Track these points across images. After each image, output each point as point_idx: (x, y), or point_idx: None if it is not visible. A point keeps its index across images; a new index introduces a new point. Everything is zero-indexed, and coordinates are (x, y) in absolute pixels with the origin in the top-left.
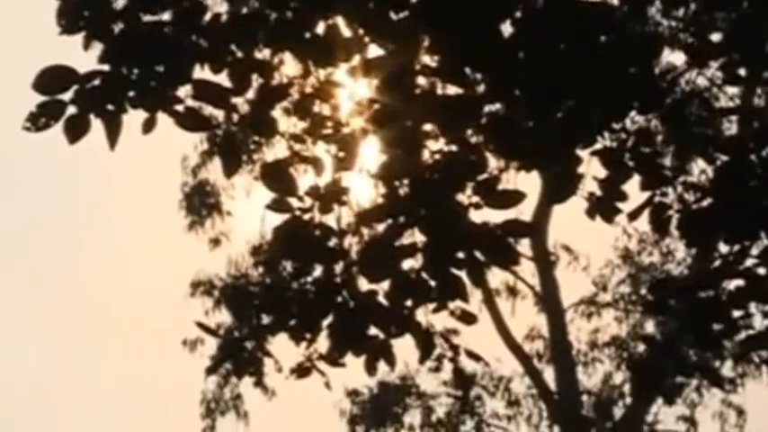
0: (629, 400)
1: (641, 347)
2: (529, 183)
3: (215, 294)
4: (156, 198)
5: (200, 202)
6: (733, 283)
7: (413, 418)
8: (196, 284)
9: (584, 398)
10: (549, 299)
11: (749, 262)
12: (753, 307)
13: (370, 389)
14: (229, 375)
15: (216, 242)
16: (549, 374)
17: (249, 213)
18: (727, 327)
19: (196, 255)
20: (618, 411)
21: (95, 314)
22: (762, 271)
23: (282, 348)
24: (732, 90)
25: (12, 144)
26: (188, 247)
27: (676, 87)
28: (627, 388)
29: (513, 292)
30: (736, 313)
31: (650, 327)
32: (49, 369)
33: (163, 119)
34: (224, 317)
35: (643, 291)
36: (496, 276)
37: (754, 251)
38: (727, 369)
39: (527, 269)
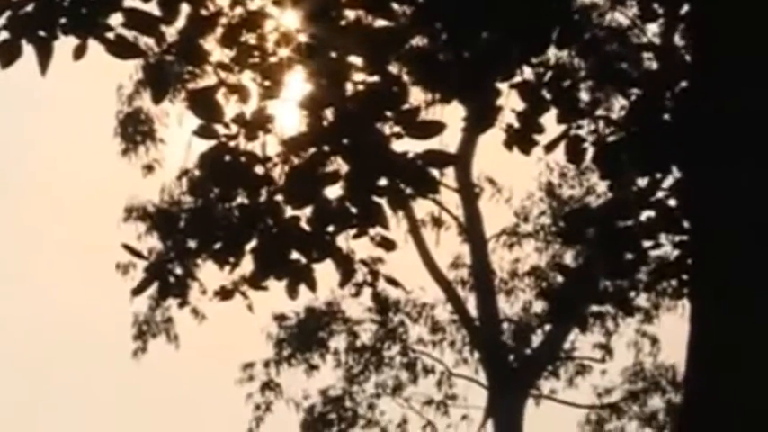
0: (547, 327)
1: (560, 278)
2: (456, 117)
3: (148, 220)
4: (92, 125)
5: (135, 130)
6: (645, 215)
7: (338, 342)
8: (130, 210)
9: (505, 325)
10: (472, 229)
11: (661, 194)
12: (663, 238)
13: (296, 314)
14: (164, 299)
15: (149, 169)
16: (471, 302)
17: (182, 141)
18: (638, 256)
19: (130, 181)
20: (536, 339)
21: (29, 237)
22: (672, 203)
23: (212, 273)
24: (654, 28)
25: None
26: (123, 174)
27: (597, 24)
28: None
29: (437, 222)
30: (647, 243)
31: (569, 257)
32: None
33: (100, 48)
34: (156, 242)
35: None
36: (422, 207)
37: (666, 184)
38: (642, 300)
39: (451, 200)
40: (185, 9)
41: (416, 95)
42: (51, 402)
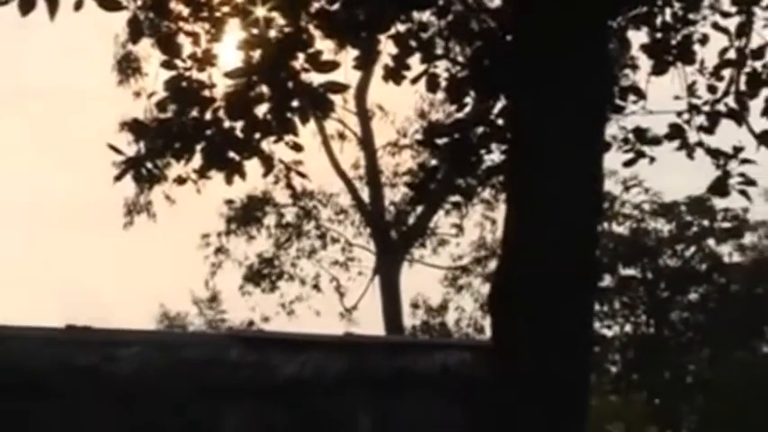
0: (419, 210)
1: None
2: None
3: None
4: (96, 62)
5: (127, 66)
6: (481, 129)
7: (270, 220)
8: (122, 124)
9: (391, 208)
10: (366, 141)
11: (492, 116)
12: (494, 147)
13: (240, 199)
14: (142, 186)
15: (137, 94)
16: (365, 193)
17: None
18: (476, 160)
19: (124, 103)
20: (411, 219)
21: (48, 140)
22: (500, 122)
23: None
24: None
25: None
26: (118, 98)
27: None
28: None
29: (342, 136)
30: (482, 150)
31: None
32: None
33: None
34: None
35: None
36: (331, 125)
37: (496, 108)
38: (486, 194)
39: (352, 121)
40: None
41: (326, 44)
42: (66, 259)
